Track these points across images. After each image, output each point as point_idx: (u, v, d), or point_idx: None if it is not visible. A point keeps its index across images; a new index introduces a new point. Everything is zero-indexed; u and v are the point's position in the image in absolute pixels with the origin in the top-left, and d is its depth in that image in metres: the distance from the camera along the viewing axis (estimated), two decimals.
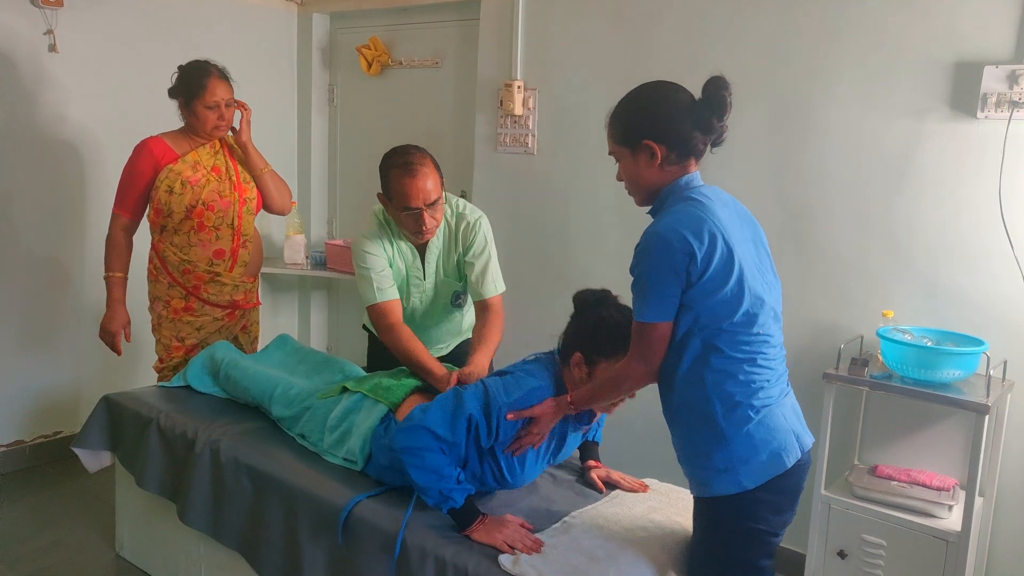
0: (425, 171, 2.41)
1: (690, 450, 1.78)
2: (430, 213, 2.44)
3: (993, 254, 2.53)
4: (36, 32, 3.39)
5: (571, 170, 3.41)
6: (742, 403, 1.70)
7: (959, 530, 2.39)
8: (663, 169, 1.78)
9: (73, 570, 2.85)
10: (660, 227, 1.70)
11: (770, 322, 1.75)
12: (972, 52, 2.51)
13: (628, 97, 1.83)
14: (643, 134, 1.76)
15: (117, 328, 2.98)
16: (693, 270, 1.66)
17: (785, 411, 1.77)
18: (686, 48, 3.04)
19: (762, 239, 1.86)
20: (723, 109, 1.75)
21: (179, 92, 2.90)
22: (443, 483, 1.94)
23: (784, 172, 2.89)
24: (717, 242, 1.67)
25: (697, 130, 1.75)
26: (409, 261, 2.59)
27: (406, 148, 2.48)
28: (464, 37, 3.87)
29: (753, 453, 1.70)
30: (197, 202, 2.90)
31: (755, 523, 1.73)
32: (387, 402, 2.32)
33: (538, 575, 1.79)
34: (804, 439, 1.79)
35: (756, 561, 1.77)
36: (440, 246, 2.60)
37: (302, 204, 4.47)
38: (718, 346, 1.70)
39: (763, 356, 1.73)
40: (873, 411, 2.79)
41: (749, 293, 1.70)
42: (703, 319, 1.69)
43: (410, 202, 2.40)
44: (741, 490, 1.70)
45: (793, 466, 1.73)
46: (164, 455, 2.57)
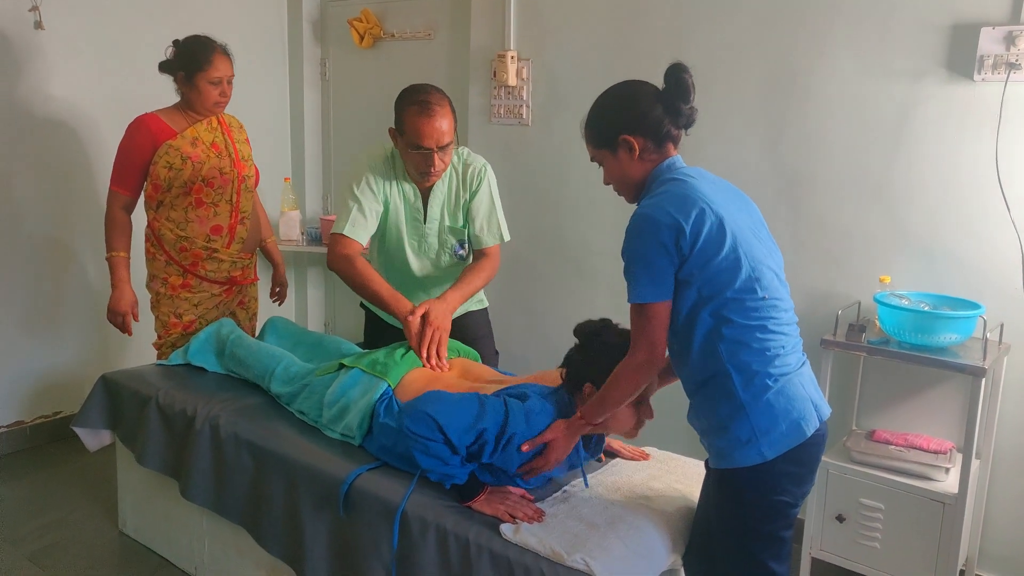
0: (441, 112, 2.38)
1: (711, 422, 1.77)
2: (440, 155, 2.41)
3: (990, 217, 2.53)
4: (21, 9, 3.35)
5: (566, 141, 3.39)
6: (759, 372, 1.70)
7: (956, 493, 2.41)
8: (644, 160, 1.83)
9: (77, 548, 2.86)
10: (645, 208, 1.73)
11: (776, 285, 1.75)
12: (968, 14, 2.49)
13: (596, 103, 1.88)
14: (618, 131, 1.82)
15: (126, 308, 2.95)
16: (683, 243, 1.67)
17: (803, 380, 1.76)
18: (680, 16, 3.02)
19: (755, 211, 1.88)
20: (687, 93, 1.80)
21: (179, 66, 2.85)
22: (447, 468, 1.94)
23: (779, 138, 2.88)
24: (705, 214, 1.69)
25: (667, 116, 1.80)
26: (410, 202, 2.55)
27: (425, 87, 2.44)
28: (456, 8, 3.83)
29: (773, 423, 1.70)
30: (197, 178, 2.88)
31: (777, 495, 1.73)
32: (386, 379, 2.30)
33: (539, 542, 1.80)
34: (822, 408, 1.79)
35: (778, 532, 1.77)
36: (445, 191, 2.57)
37: (296, 180, 4.45)
38: (727, 316, 1.70)
39: (774, 321, 1.73)
40: (870, 376, 2.80)
41: (746, 257, 1.70)
42: (706, 291, 1.70)
43: (423, 141, 2.38)
44: (762, 460, 1.70)
45: (812, 435, 1.73)
46: (164, 432, 2.58)
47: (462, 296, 2.50)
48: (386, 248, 2.64)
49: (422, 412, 1.93)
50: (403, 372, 2.33)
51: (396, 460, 2.15)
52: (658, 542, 1.91)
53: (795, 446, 1.71)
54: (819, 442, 1.77)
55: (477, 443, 1.94)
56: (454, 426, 1.91)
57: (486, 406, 1.97)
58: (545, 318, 3.59)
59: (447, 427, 1.91)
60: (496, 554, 1.82)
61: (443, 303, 2.44)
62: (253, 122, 3.16)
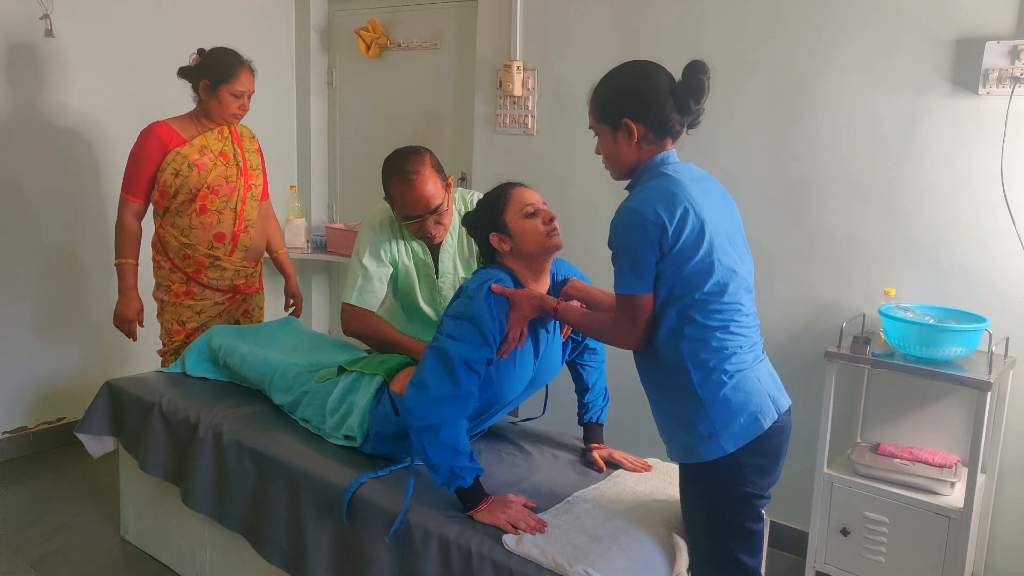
0: (422, 178, 2.35)
1: (674, 419, 1.83)
2: (434, 219, 2.40)
3: (995, 231, 2.52)
4: (32, 17, 3.37)
5: (570, 151, 3.40)
6: (716, 368, 1.75)
7: (961, 507, 2.40)
8: (640, 148, 1.83)
9: (78, 554, 2.86)
10: (634, 203, 1.76)
11: (741, 292, 1.80)
12: (973, 27, 2.49)
13: (610, 76, 1.88)
14: (623, 113, 1.82)
15: (132, 315, 2.98)
16: (665, 242, 1.72)
17: (760, 375, 1.81)
18: (686, 27, 3.02)
19: (735, 214, 1.91)
20: (701, 93, 1.80)
21: (204, 74, 2.87)
22: (457, 459, 1.91)
23: (784, 148, 2.88)
24: (688, 215, 1.72)
25: (675, 112, 1.81)
26: (420, 259, 2.55)
27: (404, 154, 2.41)
28: (463, 18, 3.85)
29: (732, 417, 1.75)
30: (202, 186, 2.90)
31: (742, 487, 1.78)
32: (381, 371, 2.32)
33: (541, 554, 1.80)
34: (780, 401, 1.83)
35: (745, 524, 1.81)
36: (455, 244, 2.55)
37: (302, 188, 4.46)
38: (692, 315, 1.75)
39: (735, 324, 1.78)
40: (875, 389, 2.79)
41: (719, 264, 1.75)
42: (677, 289, 1.75)
43: (411, 211, 2.38)
44: (723, 454, 1.75)
45: (771, 428, 1.78)
46: (167, 439, 2.58)
47: None
48: (399, 301, 2.65)
49: (412, 404, 1.93)
50: (395, 366, 2.35)
51: (391, 446, 2.16)
52: (660, 554, 1.91)
53: (754, 438, 1.76)
54: (779, 433, 1.81)
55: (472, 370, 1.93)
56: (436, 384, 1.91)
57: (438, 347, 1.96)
58: None
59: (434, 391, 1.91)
60: (498, 565, 1.81)
61: None
62: (259, 130, 3.18)
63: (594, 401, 2.36)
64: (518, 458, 2.31)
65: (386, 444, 2.23)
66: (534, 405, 2.54)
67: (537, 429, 2.53)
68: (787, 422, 1.85)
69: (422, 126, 4.08)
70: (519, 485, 2.13)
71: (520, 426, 2.55)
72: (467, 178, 3.84)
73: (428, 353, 2.00)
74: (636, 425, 2.93)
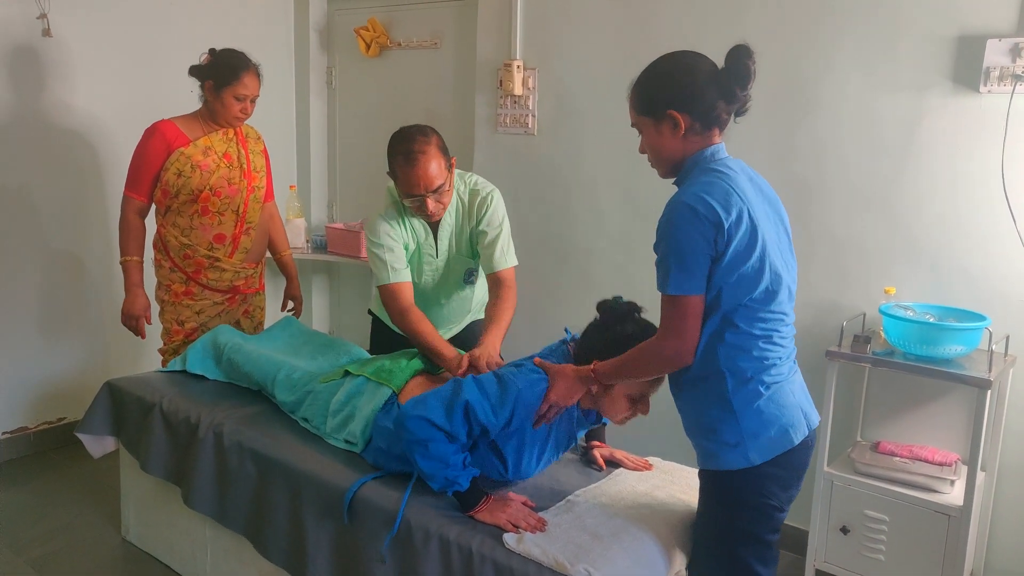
0: (426, 159, 2.37)
1: (700, 423, 1.77)
2: (434, 198, 2.42)
3: (995, 229, 2.52)
4: (29, 17, 3.37)
5: (572, 150, 3.40)
6: (753, 378, 1.70)
7: (961, 505, 2.40)
8: (687, 139, 1.75)
9: (79, 555, 2.86)
10: (686, 196, 1.66)
11: (786, 300, 1.74)
12: (974, 25, 2.49)
13: (651, 67, 1.79)
14: (667, 104, 1.73)
15: (139, 312, 2.99)
16: (720, 241, 1.63)
17: (794, 388, 1.77)
18: (687, 26, 3.02)
19: (783, 216, 1.84)
20: (747, 78, 1.72)
21: (210, 74, 2.88)
22: (448, 471, 1.94)
23: (785, 148, 2.88)
24: (743, 215, 1.65)
25: (721, 99, 1.73)
26: (422, 239, 2.57)
27: (410, 133, 2.43)
28: (463, 17, 3.85)
29: (762, 428, 1.70)
30: (205, 187, 2.90)
31: (763, 498, 1.74)
32: (391, 385, 2.31)
33: (542, 553, 1.80)
34: (812, 417, 1.79)
35: (763, 535, 1.78)
36: (453, 223, 2.58)
37: (302, 188, 4.46)
38: (735, 322, 1.68)
39: (778, 334, 1.73)
40: (875, 388, 2.79)
41: (769, 270, 1.68)
42: (724, 294, 1.67)
43: (412, 190, 2.40)
44: (749, 464, 1.71)
45: (800, 443, 1.74)
46: (168, 439, 2.58)
47: (500, 336, 2.48)
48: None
49: (409, 415, 1.95)
50: (407, 378, 2.34)
51: (393, 463, 2.15)
52: (661, 553, 1.91)
53: (782, 452, 1.72)
54: (807, 448, 1.78)
55: (469, 418, 1.93)
56: (433, 409, 1.93)
57: (462, 383, 2.00)
58: (550, 326, 3.58)
59: (429, 413, 1.92)
60: (499, 564, 1.82)
61: (486, 348, 2.41)
62: (259, 130, 3.18)
63: None
64: None
65: (385, 459, 2.18)
66: None
67: None
68: (814, 438, 1.81)
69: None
70: (520, 484, 2.13)
71: None
72: None
73: (452, 385, 2.03)
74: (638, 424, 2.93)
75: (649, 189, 2.96)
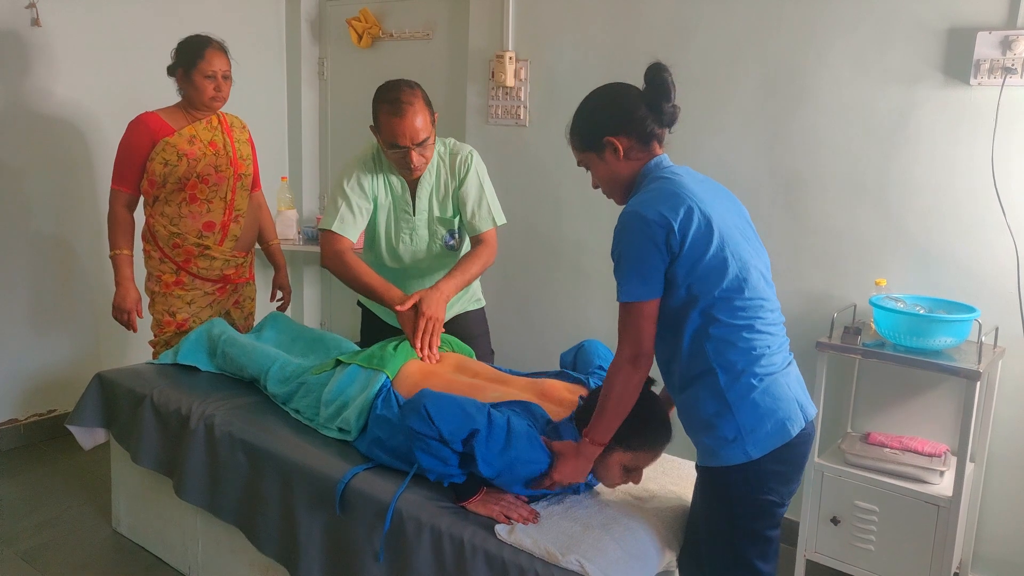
0: (413, 110, 2.36)
1: (698, 421, 1.78)
2: (418, 151, 2.41)
3: (985, 221, 2.53)
4: (18, 6, 3.34)
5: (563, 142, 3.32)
6: (745, 371, 1.71)
7: (950, 495, 2.41)
8: (630, 159, 1.84)
9: (70, 546, 2.86)
10: (635, 205, 1.74)
11: (762, 285, 1.77)
12: (965, 18, 2.50)
13: (580, 108, 1.90)
14: (602, 132, 1.83)
15: (130, 305, 2.98)
16: (673, 241, 1.68)
17: (789, 380, 1.78)
18: (678, 18, 3.02)
19: (742, 210, 1.89)
20: (668, 92, 1.80)
21: (177, 63, 2.89)
22: (446, 468, 1.93)
23: (776, 140, 2.88)
24: (693, 212, 1.70)
25: (649, 117, 1.81)
26: (398, 194, 2.56)
27: (397, 84, 2.42)
28: (455, 8, 3.83)
29: (759, 422, 1.71)
30: (192, 175, 2.89)
31: (763, 494, 1.75)
32: (384, 370, 2.30)
33: (533, 543, 1.80)
34: (808, 409, 1.80)
35: (763, 531, 1.78)
36: (433, 181, 2.56)
37: (293, 179, 4.44)
38: (715, 315, 1.71)
39: (761, 321, 1.74)
40: (865, 379, 2.80)
41: (733, 257, 1.72)
42: (695, 290, 1.71)
43: (397, 140, 2.38)
44: (748, 460, 1.71)
45: (797, 435, 1.74)
46: (159, 431, 2.57)
47: (457, 284, 2.47)
48: (377, 242, 2.64)
49: (420, 405, 1.91)
50: (400, 363, 2.33)
51: (388, 455, 2.12)
52: (653, 543, 1.92)
53: (781, 445, 1.72)
54: (805, 441, 1.78)
55: (469, 443, 1.89)
56: (446, 420, 1.89)
57: (484, 411, 1.92)
58: (540, 318, 3.59)
59: (438, 419, 1.88)
60: (491, 555, 1.82)
61: (436, 292, 2.42)
62: (250, 121, 3.16)
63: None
64: None
65: (381, 453, 2.15)
66: None
67: None
68: (812, 430, 1.82)
69: None
70: None
71: None
72: None
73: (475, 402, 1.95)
74: None
75: None
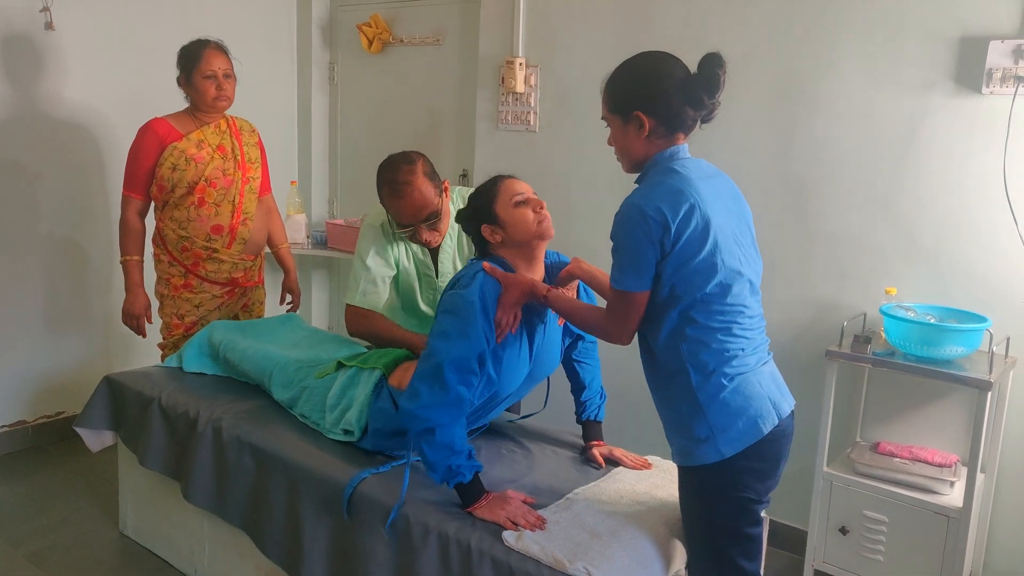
0: (412, 189, 2.35)
1: (673, 421, 1.81)
2: (428, 227, 2.41)
3: (997, 230, 2.52)
4: (32, 10, 3.36)
5: (573, 148, 3.39)
6: (715, 371, 1.73)
7: (960, 506, 2.40)
8: (650, 141, 1.80)
9: (77, 549, 2.86)
10: (637, 198, 1.74)
11: (746, 293, 1.77)
12: (977, 27, 2.49)
13: (623, 66, 1.84)
14: (634, 106, 1.78)
15: (140, 311, 3.00)
16: (667, 240, 1.69)
17: (761, 378, 1.78)
18: (688, 23, 3.02)
19: (745, 213, 1.88)
20: (715, 87, 1.75)
21: (179, 69, 2.92)
22: (454, 458, 1.91)
23: (786, 147, 2.87)
24: (694, 213, 1.69)
25: (688, 106, 1.77)
26: (420, 259, 2.56)
27: (396, 163, 2.40)
28: (465, 14, 3.84)
29: (730, 421, 1.73)
30: (200, 179, 2.90)
31: (739, 491, 1.76)
32: (378, 366, 2.32)
33: (541, 550, 1.80)
34: (782, 406, 1.80)
35: (743, 529, 1.79)
36: (454, 245, 2.56)
37: (303, 184, 4.45)
38: (693, 316, 1.73)
39: (738, 326, 1.75)
40: (875, 388, 2.79)
41: (723, 265, 1.72)
42: (678, 289, 1.72)
43: (403, 220, 2.40)
44: (721, 458, 1.73)
45: (771, 432, 1.75)
46: (166, 434, 2.58)
47: None
48: (400, 304, 2.66)
49: (407, 410, 1.93)
50: (393, 357, 2.36)
51: (392, 443, 2.15)
52: (660, 552, 1.91)
53: (754, 443, 1.73)
54: (780, 437, 1.78)
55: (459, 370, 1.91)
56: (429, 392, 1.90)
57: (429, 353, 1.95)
58: None
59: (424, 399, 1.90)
60: (498, 561, 1.81)
61: None
62: (261, 125, 3.18)
63: (591, 399, 2.36)
64: (518, 455, 2.31)
65: (384, 440, 2.22)
66: (535, 402, 2.53)
67: (537, 426, 2.53)
68: (789, 426, 1.82)
69: (424, 122, 4.07)
70: (519, 481, 2.13)
71: (520, 423, 2.55)
72: (468, 175, 3.84)
73: (422, 357, 2.00)
74: (637, 423, 2.93)
75: None
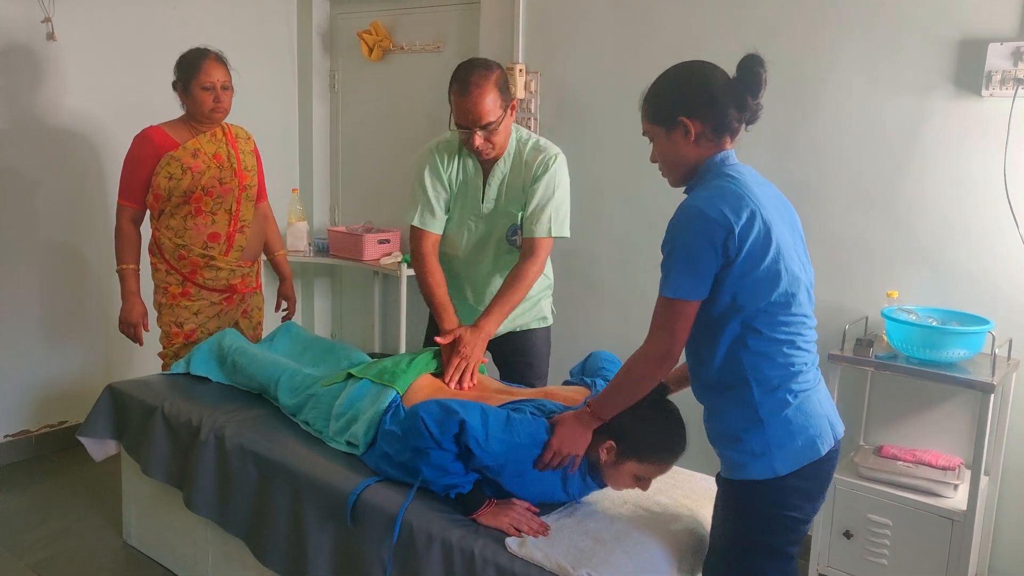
0: (479, 91, 2.32)
1: (725, 432, 1.75)
2: (483, 135, 2.37)
3: (998, 233, 2.52)
4: (34, 20, 3.37)
5: (574, 154, 3.37)
6: (780, 387, 1.67)
7: (964, 509, 2.39)
8: (699, 146, 1.74)
9: (81, 558, 2.86)
10: (698, 200, 1.66)
11: (806, 302, 1.72)
12: (976, 29, 2.49)
13: (661, 77, 1.79)
14: (678, 112, 1.73)
15: (136, 320, 3.00)
16: (731, 245, 1.61)
17: (820, 397, 1.73)
18: (689, 29, 3.03)
19: (796, 221, 1.83)
20: (758, 86, 1.72)
21: (177, 78, 2.92)
22: (449, 478, 1.93)
23: (788, 151, 2.88)
24: (755, 218, 1.63)
25: (732, 107, 1.73)
26: (471, 176, 2.52)
27: (473, 64, 2.39)
28: (465, 21, 3.85)
29: (789, 438, 1.67)
30: (196, 187, 2.91)
31: (787, 510, 1.70)
32: (394, 387, 2.30)
33: (544, 557, 1.79)
34: (837, 427, 1.76)
35: (784, 548, 1.74)
36: (507, 171, 2.51)
37: (304, 191, 4.46)
38: (756, 327, 1.66)
39: (802, 338, 1.70)
40: (878, 391, 2.79)
41: (786, 272, 1.66)
42: (740, 298, 1.65)
43: (461, 120, 2.37)
44: (774, 475, 1.67)
45: (826, 453, 1.70)
46: (169, 443, 2.58)
47: (498, 321, 2.44)
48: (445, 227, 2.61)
49: (407, 425, 1.93)
50: (411, 380, 2.33)
51: (395, 470, 2.11)
52: (664, 558, 1.90)
53: (808, 463, 1.68)
54: (832, 459, 1.74)
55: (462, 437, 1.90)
56: (433, 418, 1.91)
57: (475, 407, 1.95)
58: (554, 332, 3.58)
59: (428, 420, 1.90)
60: (502, 567, 1.81)
61: (478, 333, 2.40)
62: (261, 133, 3.18)
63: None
64: None
65: (389, 467, 2.14)
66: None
67: None
68: (839, 447, 1.77)
69: (425, 129, 4.07)
70: None
71: None
72: None
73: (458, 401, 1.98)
74: None
75: (652, 193, 2.96)
